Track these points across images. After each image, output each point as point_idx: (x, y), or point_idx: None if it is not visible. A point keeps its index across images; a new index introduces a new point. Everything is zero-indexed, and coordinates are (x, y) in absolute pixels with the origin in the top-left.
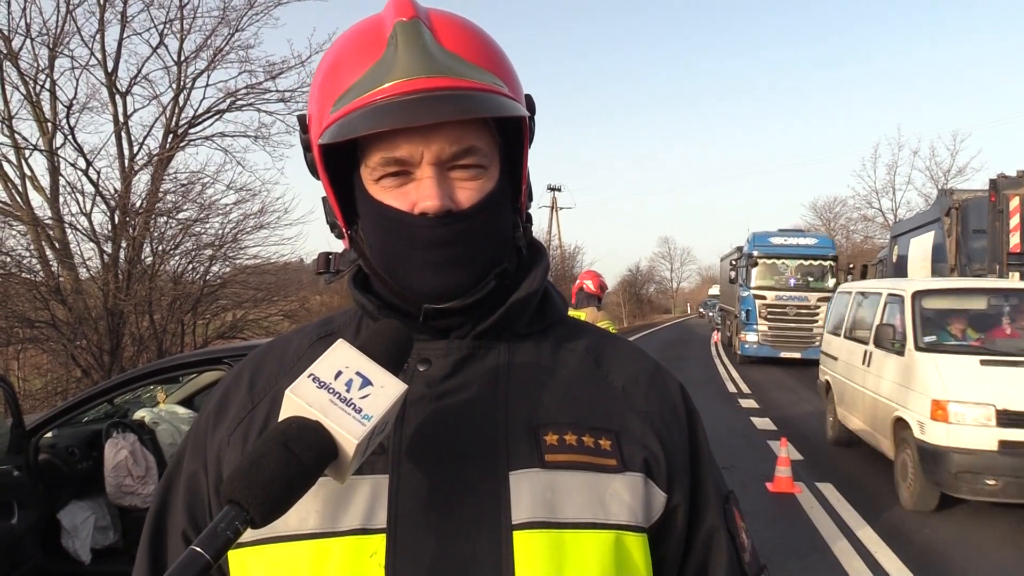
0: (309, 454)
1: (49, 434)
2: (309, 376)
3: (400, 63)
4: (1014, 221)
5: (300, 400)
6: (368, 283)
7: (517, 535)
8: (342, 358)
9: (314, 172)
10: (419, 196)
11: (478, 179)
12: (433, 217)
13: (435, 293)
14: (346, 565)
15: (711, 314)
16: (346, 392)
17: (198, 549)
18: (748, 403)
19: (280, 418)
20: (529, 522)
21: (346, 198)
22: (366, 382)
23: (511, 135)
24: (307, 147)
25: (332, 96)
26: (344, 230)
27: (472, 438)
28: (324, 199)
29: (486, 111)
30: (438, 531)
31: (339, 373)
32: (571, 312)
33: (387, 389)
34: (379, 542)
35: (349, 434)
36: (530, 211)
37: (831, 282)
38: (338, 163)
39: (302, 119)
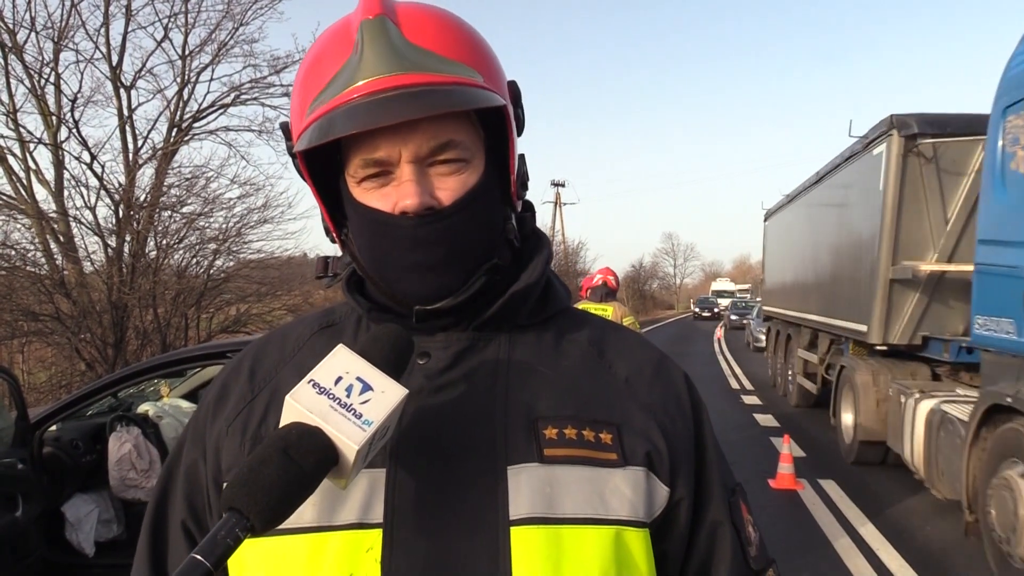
0: (309, 460)
1: (53, 427)
2: (309, 382)
3: (366, 63)
4: None
5: (300, 406)
6: (363, 284)
7: (515, 531)
8: (342, 363)
9: (302, 176)
10: (399, 196)
11: (460, 173)
12: (415, 217)
13: (423, 295)
14: (342, 560)
15: (733, 316)
16: (346, 397)
17: (198, 557)
18: (751, 399)
19: (280, 424)
20: (527, 518)
21: (336, 201)
22: (366, 387)
23: (495, 125)
24: (292, 154)
25: (306, 102)
26: (335, 234)
27: (470, 432)
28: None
29: (456, 104)
30: (435, 526)
31: (339, 378)
32: (595, 307)
33: (387, 394)
34: (375, 537)
35: (349, 440)
36: (531, 201)
37: None
38: (326, 166)
39: (285, 127)
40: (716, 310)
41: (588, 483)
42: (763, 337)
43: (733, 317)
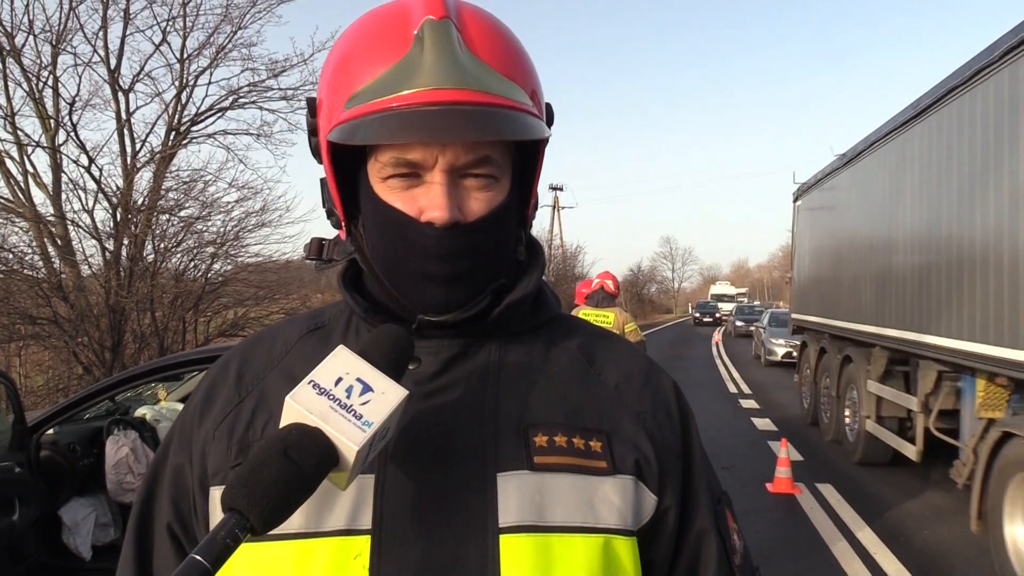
0: (309, 461)
1: (51, 431)
2: (309, 382)
3: (426, 69)
4: None
5: (300, 407)
6: (359, 280)
7: (504, 538)
8: (343, 364)
9: (317, 156)
10: (428, 203)
11: (489, 190)
12: (440, 227)
13: (432, 305)
14: (330, 566)
15: (739, 323)
16: (346, 398)
17: (197, 556)
18: (749, 404)
19: (280, 425)
20: (516, 525)
21: (349, 189)
22: (366, 388)
23: (527, 148)
24: (313, 131)
25: (347, 88)
26: (343, 222)
27: (460, 438)
28: (323, 181)
29: (512, 134)
30: (423, 533)
31: (339, 379)
32: (595, 313)
33: (388, 395)
34: (364, 543)
35: (349, 440)
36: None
37: None
38: (344, 152)
39: (311, 102)
40: (717, 315)
41: (578, 491)
42: (780, 350)
43: (739, 323)
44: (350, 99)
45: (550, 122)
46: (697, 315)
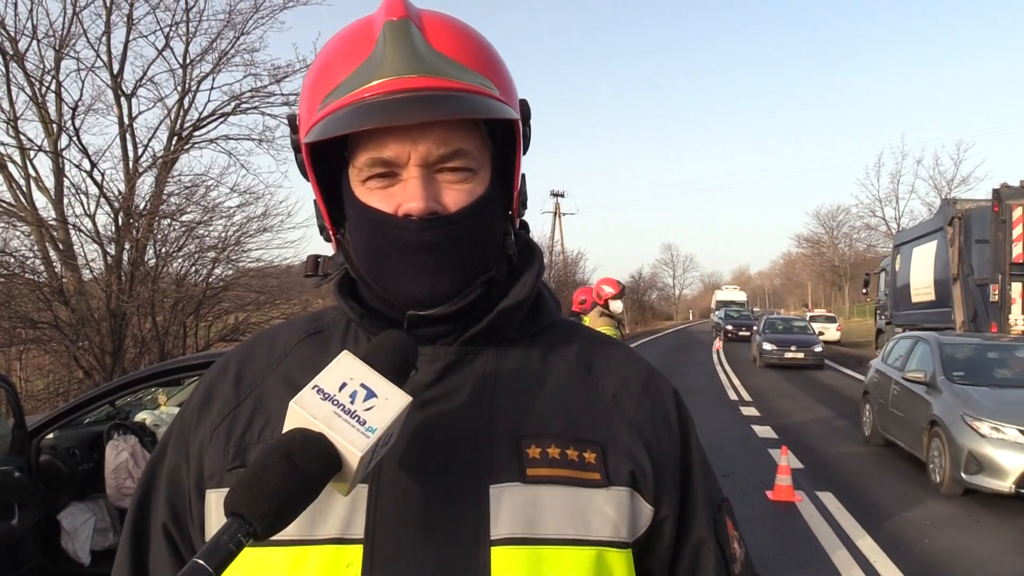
0: (312, 466)
1: (50, 435)
2: (314, 387)
3: (387, 62)
4: (1017, 231)
5: (304, 412)
6: (355, 288)
7: (495, 551)
8: (347, 370)
9: (304, 173)
10: (404, 197)
11: (467, 182)
12: (418, 220)
13: (418, 299)
14: (321, 574)
15: (767, 345)
16: (350, 404)
17: (201, 561)
18: (749, 411)
19: (284, 429)
20: (508, 538)
21: (335, 201)
22: (370, 394)
23: (503, 140)
24: (296, 148)
25: (320, 95)
26: (331, 233)
27: (454, 449)
28: (315, 202)
29: (472, 112)
30: (415, 544)
31: (343, 385)
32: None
33: (391, 401)
34: (356, 553)
35: (353, 446)
36: (526, 219)
37: None
38: (327, 165)
39: (292, 119)
40: (755, 328)
41: (570, 504)
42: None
43: (766, 346)
44: (321, 103)
45: (526, 117)
46: (729, 328)
